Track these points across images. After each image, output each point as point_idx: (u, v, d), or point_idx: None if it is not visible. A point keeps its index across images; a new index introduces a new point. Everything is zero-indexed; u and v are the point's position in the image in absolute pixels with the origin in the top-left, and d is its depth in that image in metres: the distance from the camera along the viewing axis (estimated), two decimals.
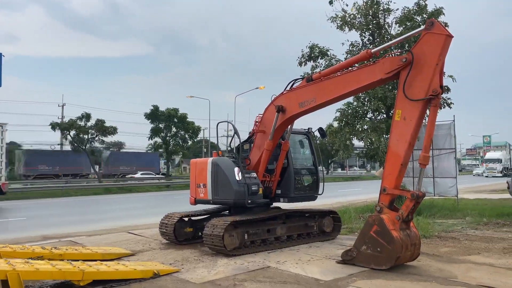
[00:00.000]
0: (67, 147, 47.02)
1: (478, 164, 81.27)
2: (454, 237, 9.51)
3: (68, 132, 39.21)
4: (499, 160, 55.88)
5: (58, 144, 51.76)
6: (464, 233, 10.05)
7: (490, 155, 60.25)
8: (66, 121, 40.43)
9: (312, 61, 13.90)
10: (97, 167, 46.01)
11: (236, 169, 8.40)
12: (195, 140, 51.69)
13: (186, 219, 9.20)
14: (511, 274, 6.32)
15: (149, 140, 44.86)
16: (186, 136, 44.49)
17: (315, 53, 13.77)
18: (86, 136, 39.06)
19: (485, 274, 6.30)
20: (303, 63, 13.98)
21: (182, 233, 9.06)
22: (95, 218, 15.09)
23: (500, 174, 52.80)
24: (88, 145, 39.99)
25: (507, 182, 15.52)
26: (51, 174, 46.52)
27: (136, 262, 7.13)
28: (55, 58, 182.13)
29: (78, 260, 6.53)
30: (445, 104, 13.23)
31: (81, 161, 48.22)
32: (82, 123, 38.51)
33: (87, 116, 38.45)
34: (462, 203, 15.16)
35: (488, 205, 14.96)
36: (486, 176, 52.50)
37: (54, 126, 38.82)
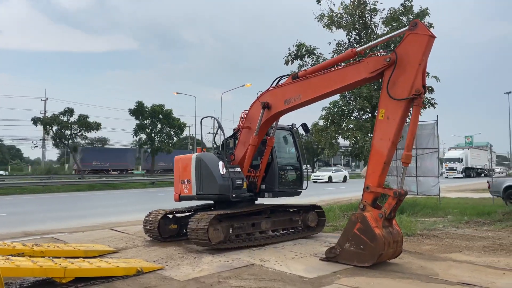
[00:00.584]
0: (50, 142, 46.65)
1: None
2: (436, 235, 9.65)
3: (50, 127, 38.60)
4: (459, 160, 51.23)
5: (40, 140, 51.06)
6: (446, 231, 10.20)
7: (450, 154, 54.64)
8: (49, 116, 39.80)
9: (299, 59, 13.96)
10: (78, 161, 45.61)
11: (220, 163, 8.37)
12: (181, 136, 51.53)
13: (170, 216, 9.14)
14: (491, 272, 6.43)
15: (133, 136, 44.57)
16: (172, 132, 44.25)
17: (302, 51, 13.83)
18: (69, 132, 38.52)
19: (466, 272, 6.40)
20: (290, 62, 14.03)
21: (167, 230, 9.01)
22: (77, 215, 14.86)
23: (461, 175, 49.47)
24: (70, 141, 39.45)
25: (488, 182, 15.83)
26: (103, 169, 48.76)
27: (119, 259, 7.05)
28: (38, 52, 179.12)
29: (60, 257, 6.41)
30: (429, 104, 13.42)
31: (127, 157, 52.05)
32: (65, 118, 37.97)
33: (70, 111, 37.92)
34: (444, 202, 15.40)
35: (469, 204, 15.20)
36: (446, 177, 47.94)
37: (36, 121, 38.15)
